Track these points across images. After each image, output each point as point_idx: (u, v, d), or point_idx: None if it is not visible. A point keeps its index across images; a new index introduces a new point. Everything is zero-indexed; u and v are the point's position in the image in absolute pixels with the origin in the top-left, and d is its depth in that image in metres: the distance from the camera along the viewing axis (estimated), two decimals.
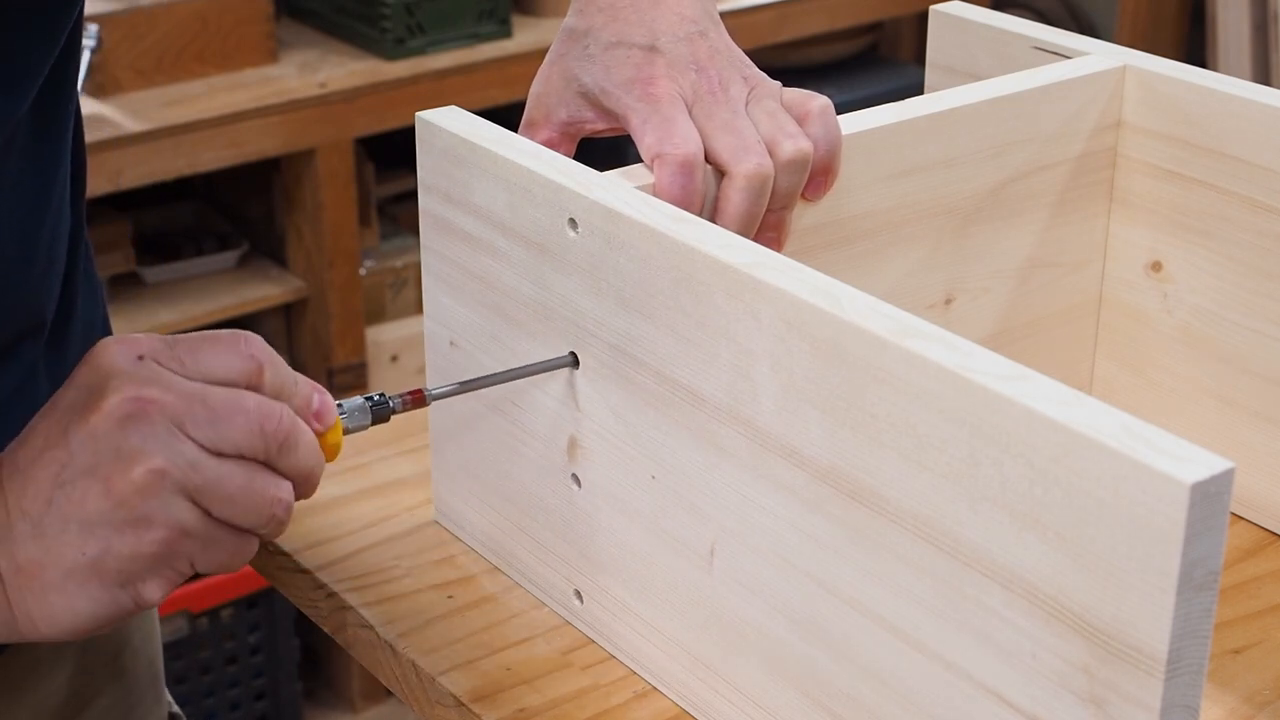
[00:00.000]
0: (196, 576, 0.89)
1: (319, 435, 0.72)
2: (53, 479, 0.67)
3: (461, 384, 0.82)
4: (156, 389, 0.67)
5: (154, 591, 0.70)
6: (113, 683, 0.96)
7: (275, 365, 0.71)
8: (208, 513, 0.69)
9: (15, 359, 0.84)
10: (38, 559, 0.68)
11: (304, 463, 0.71)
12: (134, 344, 0.69)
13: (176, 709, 1.04)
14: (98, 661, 0.95)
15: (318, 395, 0.73)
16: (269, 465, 0.70)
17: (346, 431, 0.75)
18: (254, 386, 0.70)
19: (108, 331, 0.96)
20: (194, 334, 0.70)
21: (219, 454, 0.68)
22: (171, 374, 0.68)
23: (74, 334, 0.90)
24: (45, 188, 0.84)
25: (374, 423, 0.77)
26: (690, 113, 0.84)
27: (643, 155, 0.83)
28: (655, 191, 0.81)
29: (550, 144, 0.88)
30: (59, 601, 0.69)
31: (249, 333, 0.71)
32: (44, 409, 0.70)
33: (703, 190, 0.82)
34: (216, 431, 0.68)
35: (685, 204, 0.81)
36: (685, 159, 0.81)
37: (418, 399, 0.78)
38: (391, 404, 0.77)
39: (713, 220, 0.82)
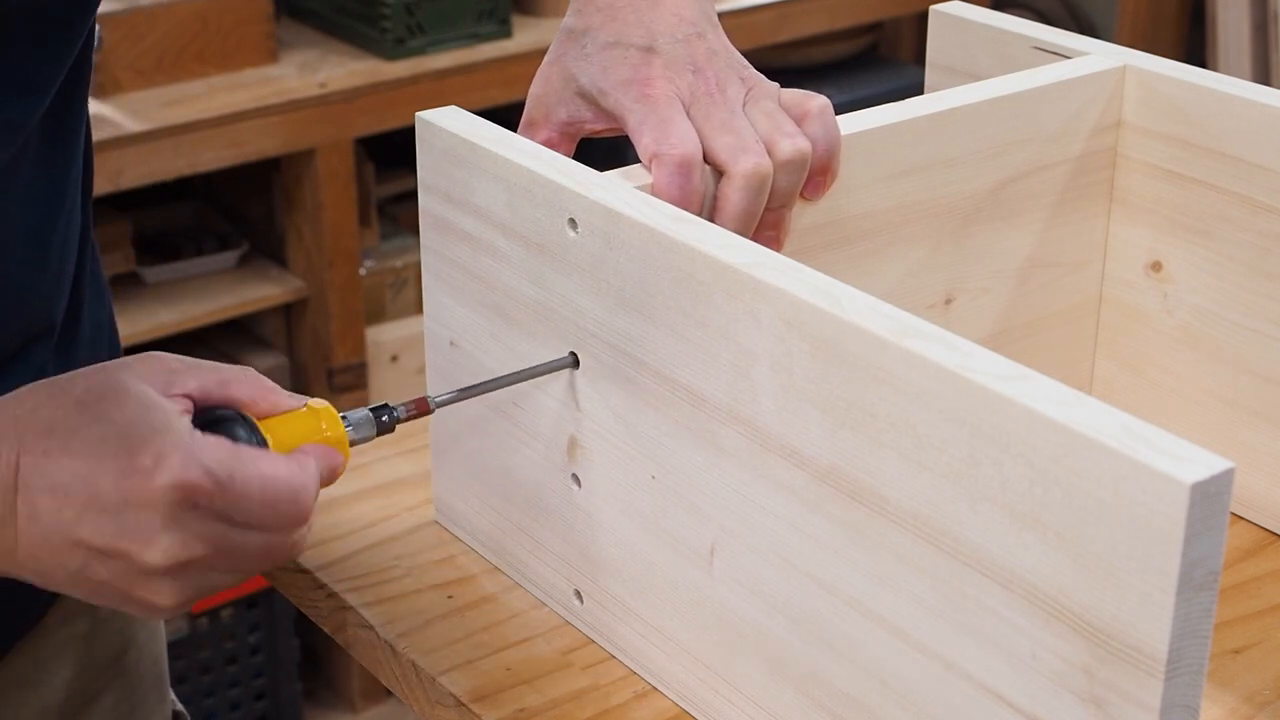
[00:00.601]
0: None
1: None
2: (75, 560, 0.68)
3: (464, 390, 0.82)
4: (200, 545, 0.68)
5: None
6: (117, 680, 0.97)
7: (315, 497, 0.72)
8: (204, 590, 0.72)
9: (25, 361, 0.84)
10: (33, 572, 0.70)
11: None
12: (193, 490, 0.67)
13: (180, 707, 1.04)
14: (102, 659, 0.95)
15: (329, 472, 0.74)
16: None
17: (352, 444, 0.75)
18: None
19: (114, 332, 0.96)
20: (260, 476, 0.69)
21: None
22: (221, 525, 0.69)
23: (82, 336, 0.90)
24: (58, 192, 0.84)
25: (379, 433, 0.77)
26: (688, 113, 0.84)
27: (640, 156, 0.83)
28: (653, 191, 0.81)
29: (550, 144, 0.88)
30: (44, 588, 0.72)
31: (308, 478, 0.71)
32: (78, 440, 0.68)
33: (701, 190, 0.82)
34: (240, 569, 0.71)
35: (683, 204, 0.81)
36: (683, 159, 0.81)
37: (422, 408, 0.79)
38: (396, 414, 0.77)
39: (711, 220, 0.82)
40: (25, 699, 0.91)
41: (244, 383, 0.73)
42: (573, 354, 0.82)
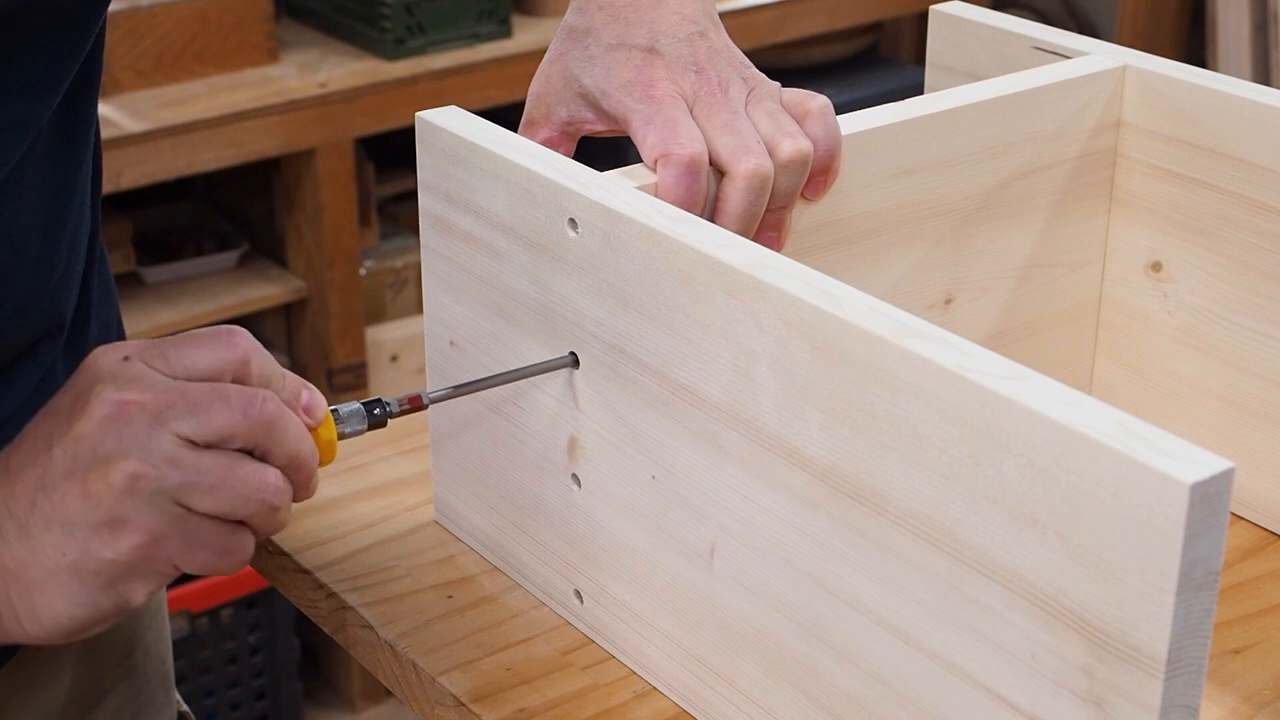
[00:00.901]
0: (194, 577, 0.89)
1: (311, 430, 0.72)
2: (36, 481, 0.68)
3: (459, 386, 0.82)
4: (137, 389, 0.67)
5: (137, 593, 0.69)
6: (124, 681, 0.97)
7: (261, 357, 0.70)
8: (189, 509, 0.68)
9: (34, 359, 0.84)
10: (22, 559, 0.68)
11: (292, 448, 0.70)
12: (122, 347, 0.69)
13: (185, 708, 1.04)
14: (109, 660, 0.95)
15: (306, 391, 0.72)
16: (257, 453, 0.70)
17: (342, 436, 0.75)
18: (239, 378, 0.70)
19: (121, 331, 0.97)
20: (184, 334, 0.71)
21: (202, 445, 0.68)
22: (155, 372, 0.68)
23: (91, 334, 0.90)
24: (67, 192, 0.84)
25: (371, 427, 0.76)
26: (690, 113, 0.84)
27: (644, 156, 0.83)
28: (659, 192, 0.81)
29: (550, 143, 0.88)
30: (41, 601, 0.69)
31: (235, 327, 0.71)
32: (40, 414, 0.71)
33: (706, 191, 0.82)
34: (198, 422, 0.67)
35: (690, 204, 0.81)
36: (691, 159, 0.81)
37: (415, 404, 0.78)
38: (388, 408, 0.77)
39: (712, 220, 0.82)
40: (32, 700, 0.91)
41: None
42: (572, 354, 0.82)
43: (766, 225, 0.84)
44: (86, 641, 0.93)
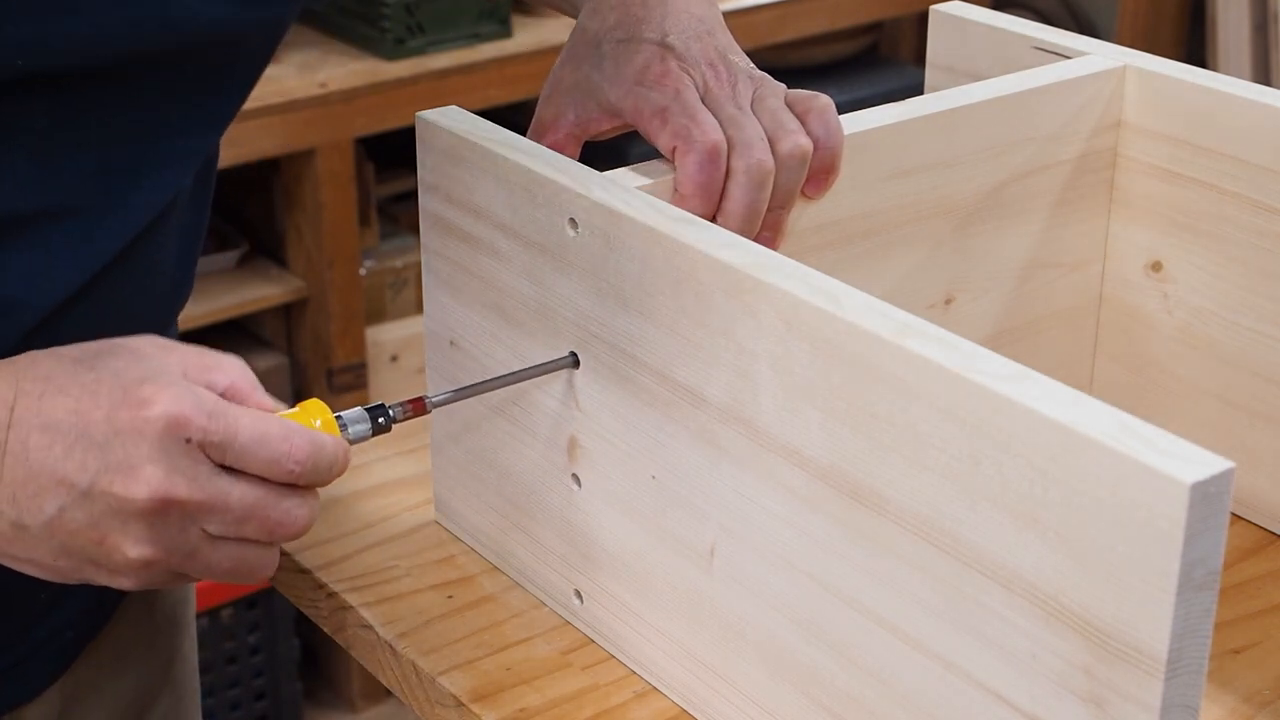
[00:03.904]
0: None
1: None
2: (55, 502, 0.68)
3: (460, 390, 0.82)
4: (185, 485, 0.67)
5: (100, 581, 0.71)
6: (166, 690, 0.99)
7: (315, 464, 0.70)
8: (188, 575, 0.71)
9: None
10: (9, 536, 0.69)
11: (298, 537, 0.72)
12: (185, 421, 0.67)
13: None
14: (156, 666, 0.97)
15: (339, 465, 0.72)
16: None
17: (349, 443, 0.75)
18: (286, 484, 0.70)
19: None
20: (252, 414, 0.69)
21: (222, 538, 0.70)
22: (208, 465, 0.68)
23: (172, 333, 0.93)
24: (200, 219, 0.87)
25: (374, 434, 0.76)
26: None
27: (660, 144, 0.82)
28: (678, 182, 0.81)
29: (557, 146, 0.88)
30: (13, 565, 0.71)
31: (298, 433, 0.70)
32: (74, 383, 0.68)
33: (723, 181, 0.82)
34: (228, 528, 0.69)
35: (710, 193, 0.80)
36: (714, 146, 0.81)
37: (418, 408, 0.78)
38: (392, 413, 0.77)
39: (714, 217, 0.82)
40: (92, 708, 0.92)
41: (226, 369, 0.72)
42: (573, 354, 0.82)
43: (764, 226, 0.84)
44: (141, 647, 0.95)
